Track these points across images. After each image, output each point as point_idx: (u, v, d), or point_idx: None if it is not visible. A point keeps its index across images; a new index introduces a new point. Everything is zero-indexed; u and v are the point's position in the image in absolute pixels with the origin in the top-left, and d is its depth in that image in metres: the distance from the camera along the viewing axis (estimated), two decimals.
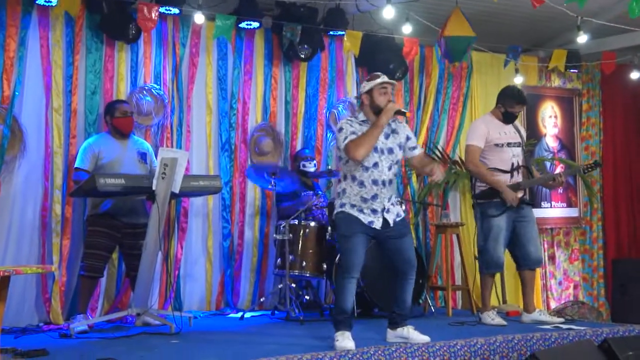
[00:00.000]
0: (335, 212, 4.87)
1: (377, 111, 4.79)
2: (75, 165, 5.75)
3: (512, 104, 5.84)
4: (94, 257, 5.65)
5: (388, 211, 4.80)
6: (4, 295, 4.67)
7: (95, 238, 5.67)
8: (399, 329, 4.84)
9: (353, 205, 4.76)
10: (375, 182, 4.76)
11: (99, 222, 5.69)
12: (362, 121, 4.84)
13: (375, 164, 4.76)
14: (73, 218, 6.05)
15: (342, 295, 4.74)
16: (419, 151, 5.01)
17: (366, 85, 4.87)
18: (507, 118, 5.87)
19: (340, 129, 4.80)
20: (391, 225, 4.80)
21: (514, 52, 7.80)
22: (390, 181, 4.84)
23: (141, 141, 6.08)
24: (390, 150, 4.84)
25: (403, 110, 4.91)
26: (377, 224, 4.77)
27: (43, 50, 5.99)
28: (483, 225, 5.78)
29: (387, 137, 4.86)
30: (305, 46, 6.92)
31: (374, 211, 4.76)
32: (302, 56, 6.98)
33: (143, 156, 5.87)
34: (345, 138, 4.73)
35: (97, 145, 5.77)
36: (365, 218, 4.75)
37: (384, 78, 4.86)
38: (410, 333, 4.80)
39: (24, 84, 5.91)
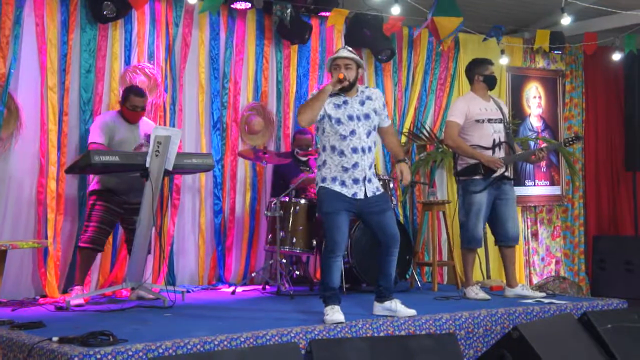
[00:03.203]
0: (317, 186, 4.87)
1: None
2: (91, 141, 5.77)
3: (484, 67, 5.94)
4: (96, 231, 5.71)
5: (370, 181, 4.85)
6: (1, 269, 4.77)
7: (99, 212, 5.73)
8: (387, 302, 4.89)
9: (334, 179, 4.78)
10: (355, 150, 4.79)
11: (102, 197, 5.76)
12: (332, 94, 4.89)
13: (353, 132, 4.79)
14: (66, 194, 6.12)
15: (329, 274, 4.78)
16: (388, 123, 5.06)
17: (327, 62, 4.98)
18: (490, 83, 5.95)
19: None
20: (370, 196, 4.84)
21: (496, 30, 7.92)
22: (370, 148, 4.87)
23: (149, 123, 6.12)
24: (367, 116, 4.88)
25: (341, 78, 4.81)
26: (361, 194, 4.80)
27: (38, 28, 6.03)
28: (465, 201, 5.86)
29: (362, 103, 4.90)
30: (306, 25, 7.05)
31: (355, 181, 4.79)
32: (306, 36, 7.10)
33: (148, 138, 5.91)
34: None
35: (112, 121, 5.83)
36: (348, 191, 4.78)
37: (338, 54, 4.91)
38: (398, 306, 4.86)
39: (19, 62, 5.96)
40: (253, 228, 7.04)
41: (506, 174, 5.87)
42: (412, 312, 4.86)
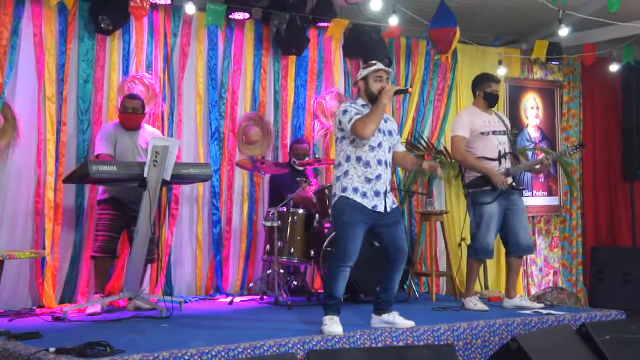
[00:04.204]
0: (336, 196, 4.83)
1: (372, 97, 4.87)
2: (98, 152, 5.83)
3: (488, 84, 5.96)
4: (105, 239, 5.75)
5: (387, 195, 4.86)
6: None
7: (106, 220, 5.78)
8: (385, 315, 4.88)
9: (355, 189, 4.76)
10: (379, 161, 4.81)
11: (110, 205, 5.80)
12: (363, 105, 4.89)
13: (380, 144, 4.83)
14: (64, 204, 6.12)
15: (335, 283, 4.77)
16: (402, 147, 5.14)
17: (362, 72, 4.95)
18: (490, 100, 5.97)
19: (345, 111, 4.82)
20: (388, 211, 4.84)
21: (497, 39, 7.94)
22: (390, 163, 4.91)
23: (153, 131, 6.12)
24: (390, 133, 4.94)
25: (403, 88, 5.03)
26: (381, 207, 4.79)
27: (36, 38, 6.04)
28: (475, 213, 5.86)
29: (385, 121, 4.96)
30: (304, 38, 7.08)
31: (377, 193, 4.78)
32: (303, 49, 7.13)
33: None
34: (351, 119, 4.75)
35: (114, 131, 5.88)
36: (369, 203, 4.76)
37: (379, 65, 4.93)
38: (396, 318, 4.85)
39: (17, 72, 5.96)
40: (250, 238, 7.03)
41: (514, 184, 5.88)
42: (411, 323, 4.85)
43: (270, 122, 7.19)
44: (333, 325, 4.63)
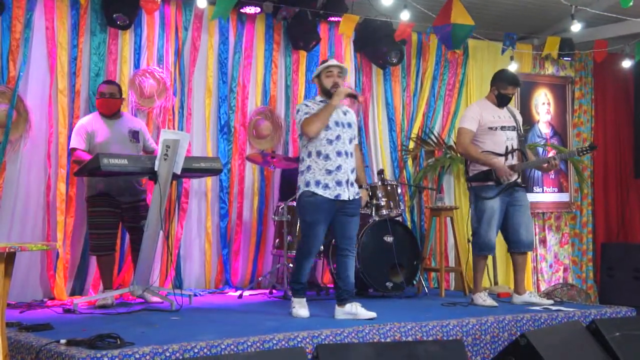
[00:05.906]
0: (300, 190, 5.04)
1: (326, 93, 5.13)
2: (72, 146, 5.78)
3: (504, 86, 5.92)
4: (99, 237, 5.73)
5: (352, 185, 5.06)
6: (9, 270, 4.75)
7: (98, 218, 5.74)
8: (347, 306, 4.99)
9: (318, 182, 4.97)
10: (339, 153, 5.02)
11: (98, 202, 5.75)
12: (321, 101, 5.16)
13: (338, 137, 5.05)
14: (76, 196, 6.15)
15: (301, 270, 5.06)
16: (356, 141, 5.26)
17: (316, 70, 5.22)
18: (501, 100, 5.94)
19: (298, 110, 5.13)
20: (351, 199, 5.02)
21: (510, 39, 7.92)
22: (351, 154, 5.11)
23: (133, 119, 6.09)
24: (349, 125, 5.17)
25: (355, 93, 5.23)
26: (344, 196, 5.00)
27: (48, 32, 6.08)
28: (477, 208, 5.85)
29: (344, 113, 5.20)
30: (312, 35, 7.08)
31: (339, 183, 4.99)
32: (312, 45, 7.15)
33: (135, 134, 5.85)
34: (300, 119, 5.06)
35: (90, 125, 5.78)
36: (331, 193, 4.96)
37: (331, 62, 5.18)
38: (358, 309, 4.97)
39: (29, 65, 6.00)
40: (260, 232, 7.05)
41: (518, 180, 5.86)
42: (372, 314, 4.96)
43: (280, 117, 7.20)
44: (301, 309, 5.01)
